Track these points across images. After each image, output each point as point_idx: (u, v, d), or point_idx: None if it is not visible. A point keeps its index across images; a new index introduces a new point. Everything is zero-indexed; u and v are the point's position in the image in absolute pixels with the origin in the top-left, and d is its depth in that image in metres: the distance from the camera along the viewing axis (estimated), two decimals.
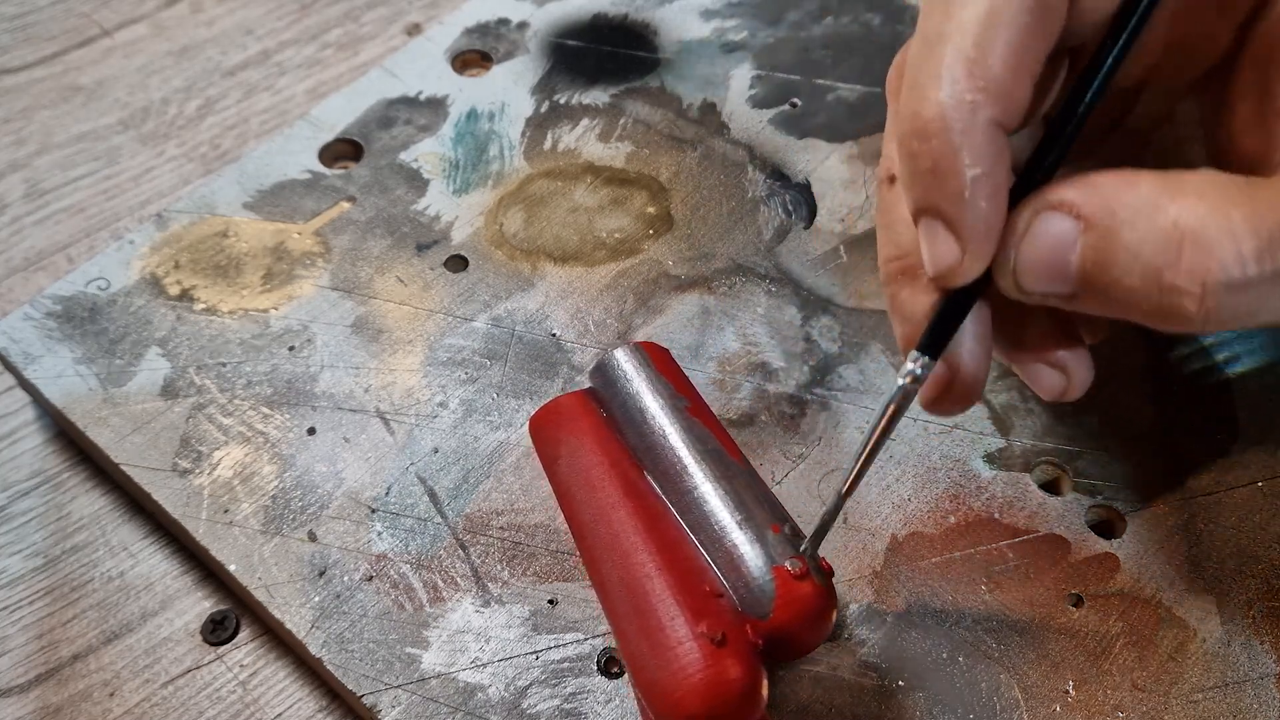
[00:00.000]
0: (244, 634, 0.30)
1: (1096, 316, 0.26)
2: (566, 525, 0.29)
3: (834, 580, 0.29)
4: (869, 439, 0.24)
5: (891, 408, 0.24)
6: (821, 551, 0.29)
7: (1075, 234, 0.21)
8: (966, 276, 0.23)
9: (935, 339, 0.24)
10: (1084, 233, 0.21)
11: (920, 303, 0.25)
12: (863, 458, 0.24)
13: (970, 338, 0.24)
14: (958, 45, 0.21)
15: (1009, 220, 0.22)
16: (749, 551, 0.25)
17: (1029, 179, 0.23)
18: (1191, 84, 0.26)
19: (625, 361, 0.29)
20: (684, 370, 0.30)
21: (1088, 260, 0.21)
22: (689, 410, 0.28)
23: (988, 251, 0.22)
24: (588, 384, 0.30)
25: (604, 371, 0.29)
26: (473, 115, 0.40)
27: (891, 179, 0.26)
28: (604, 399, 0.29)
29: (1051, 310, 0.25)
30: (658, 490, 0.27)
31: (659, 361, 0.29)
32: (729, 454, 0.27)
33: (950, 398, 0.25)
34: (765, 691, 0.24)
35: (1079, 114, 0.23)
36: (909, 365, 0.24)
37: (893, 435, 0.25)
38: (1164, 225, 0.20)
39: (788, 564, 0.25)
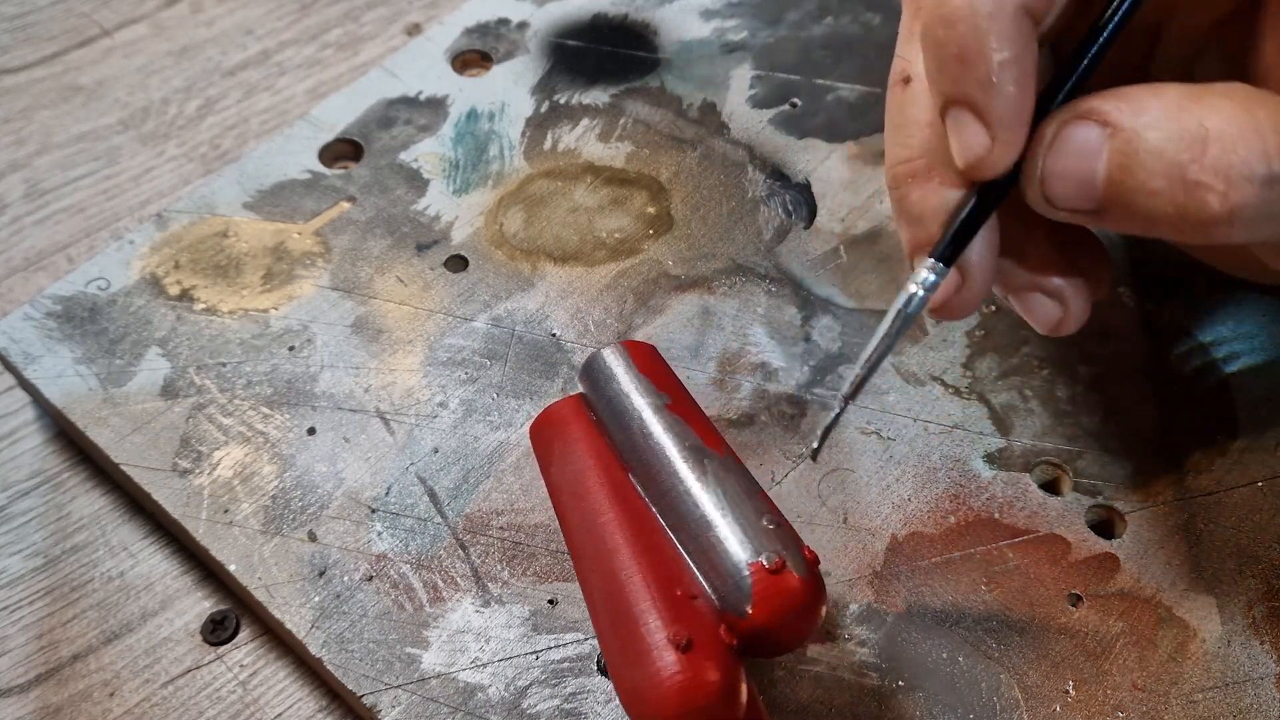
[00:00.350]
0: (244, 634, 0.30)
1: (1099, 267, 0.26)
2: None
3: (834, 580, 0.29)
4: (876, 345, 0.24)
5: (902, 314, 0.24)
6: (819, 549, 0.30)
7: (1102, 141, 0.21)
8: (997, 167, 0.22)
9: (955, 244, 0.23)
10: (1110, 138, 0.21)
11: (931, 203, 0.24)
12: (869, 363, 0.24)
13: (980, 242, 0.24)
14: None
15: (1037, 131, 0.22)
16: (724, 548, 0.24)
17: (1055, 95, 0.23)
18: (1215, 24, 0.26)
19: (607, 363, 0.29)
20: (678, 368, 0.30)
21: (1114, 165, 0.21)
22: (669, 407, 0.27)
23: (1017, 140, 0.22)
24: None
25: (589, 373, 0.29)
26: (473, 115, 0.40)
27: (906, 80, 0.26)
28: (591, 402, 0.29)
29: (1054, 236, 0.25)
30: (641, 492, 0.27)
31: (641, 360, 0.29)
32: (710, 449, 0.27)
33: (956, 304, 0.25)
34: (744, 692, 0.23)
35: (1105, 28, 0.23)
36: (924, 273, 0.23)
37: (898, 347, 0.25)
38: (1189, 125, 0.20)
39: (763, 558, 0.24)
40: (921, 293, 0.24)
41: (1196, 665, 0.28)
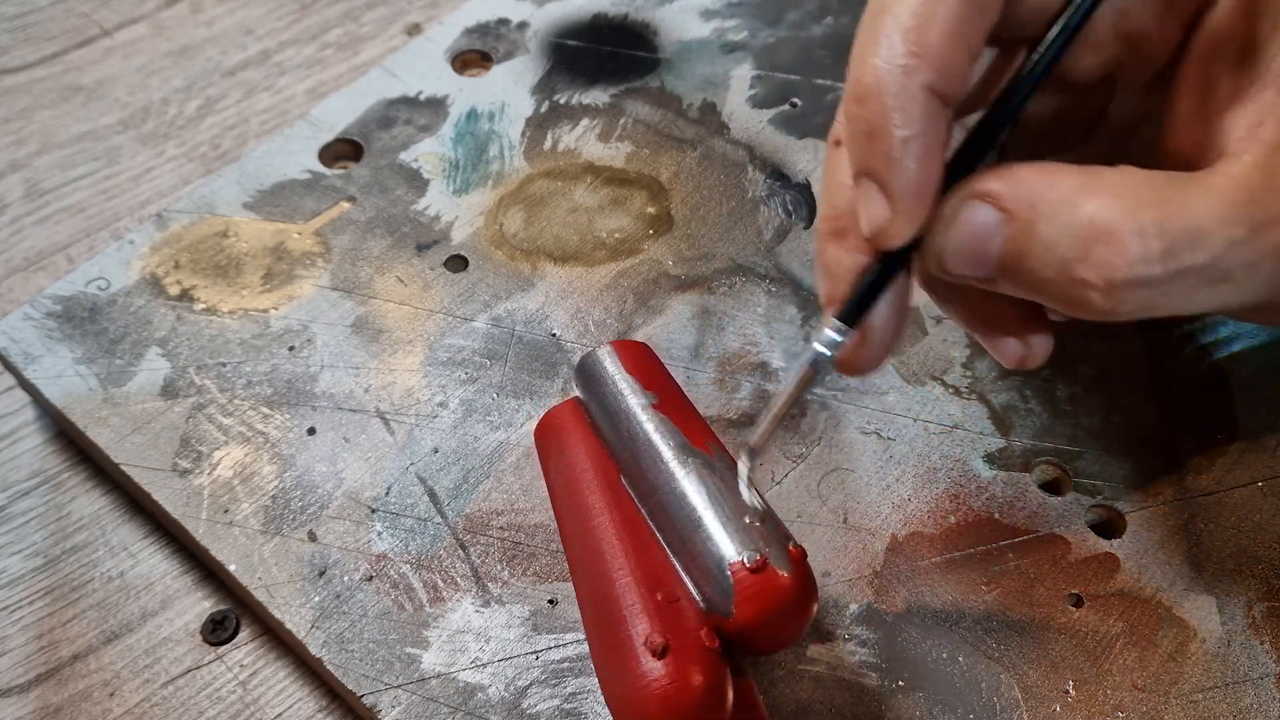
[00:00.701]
0: (244, 634, 0.30)
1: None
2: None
3: (834, 580, 0.29)
4: (782, 401, 0.25)
5: (806, 374, 0.25)
6: (819, 549, 0.30)
7: (998, 224, 0.23)
8: (895, 238, 0.23)
9: (857, 308, 0.25)
10: (1006, 224, 0.22)
11: (844, 263, 0.25)
12: (773, 417, 0.25)
13: (886, 305, 0.25)
14: (897, 15, 0.22)
15: (939, 206, 0.23)
16: (707, 549, 0.24)
17: (962, 163, 0.24)
18: (1150, 82, 0.26)
19: (596, 364, 0.29)
20: (677, 368, 0.30)
21: (1008, 250, 0.23)
22: (657, 406, 0.27)
23: (916, 214, 0.23)
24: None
25: (582, 375, 0.29)
26: (473, 115, 0.40)
27: (837, 143, 0.27)
28: (586, 404, 0.29)
29: None
30: (631, 494, 0.27)
31: (630, 359, 0.29)
32: (697, 448, 0.26)
33: (858, 361, 0.26)
34: (729, 694, 0.23)
35: (1014, 102, 0.24)
36: (828, 332, 0.25)
37: (805, 397, 0.26)
38: (1079, 221, 0.21)
39: (744, 557, 0.24)
40: (827, 352, 0.25)
41: (1196, 665, 0.28)
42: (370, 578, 0.29)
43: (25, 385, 0.34)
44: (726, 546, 0.24)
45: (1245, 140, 0.22)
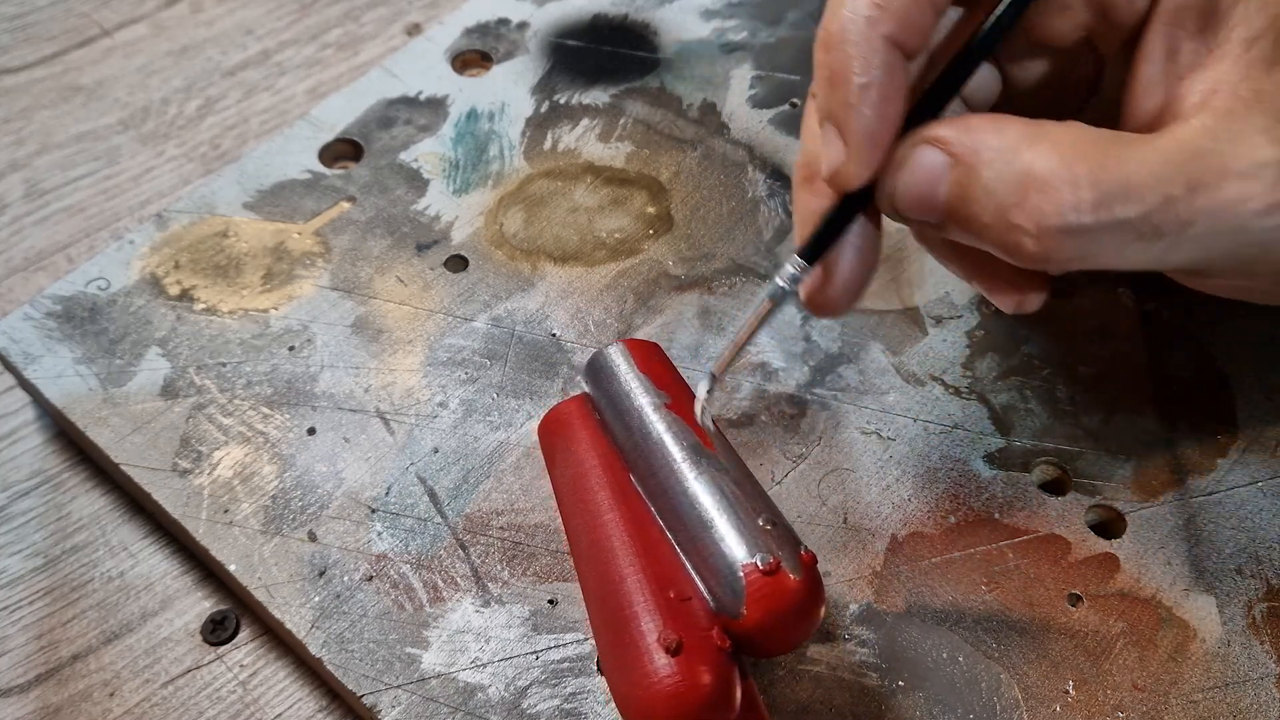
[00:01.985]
0: (244, 634, 0.30)
1: None
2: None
3: (834, 580, 0.29)
4: (742, 330, 0.26)
5: (766, 304, 0.26)
6: (819, 549, 0.30)
7: (945, 168, 0.23)
8: (852, 181, 0.24)
9: (815, 246, 0.26)
10: (951, 169, 0.23)
11: (811, 206, 0.27)
12: (732, 345, 0.27)
13: (851, 249, 0.26)
14: None
15: (894, 150, 0.24)
16: (719, 549, 0.24)
17: (921, 113, 0.25)
18: (1123, 48, 0.27)
19: (609, 361, 0.29)
20: (679, 367, 0.30)
21: (953, 193, 0.23)
22: (669, 406, 0.27)
23: (870, 158, 0.24)
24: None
25: (592, 372, 0.29)
26: (473, 115, 0.40)
27: (814, 94, 0.28)
28: (594, 400, 0.29)
29: None
30: (641, 492, 0.27)
31: (642, 358, 0.29)
32: (709, 449, 0.26)
33: (822, 300, 0.27)
34: (738, 694, 0.23)
35: (973, 56, 0.25)
36: (788, 267, 0.26)
37: (763, 328, 0.27)
38: (1017, 169, 0.22)
39: (757, 559, 0.24)
40: (783, 284, 0.26)
41: (1196, 665, 0.28)
42: (370, 578, 0.29)
43: (25, 385, 0.34)
44: (739, 548, 0.24)
45: (1197, 106, 0.23)
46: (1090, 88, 0.29)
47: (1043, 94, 0.28)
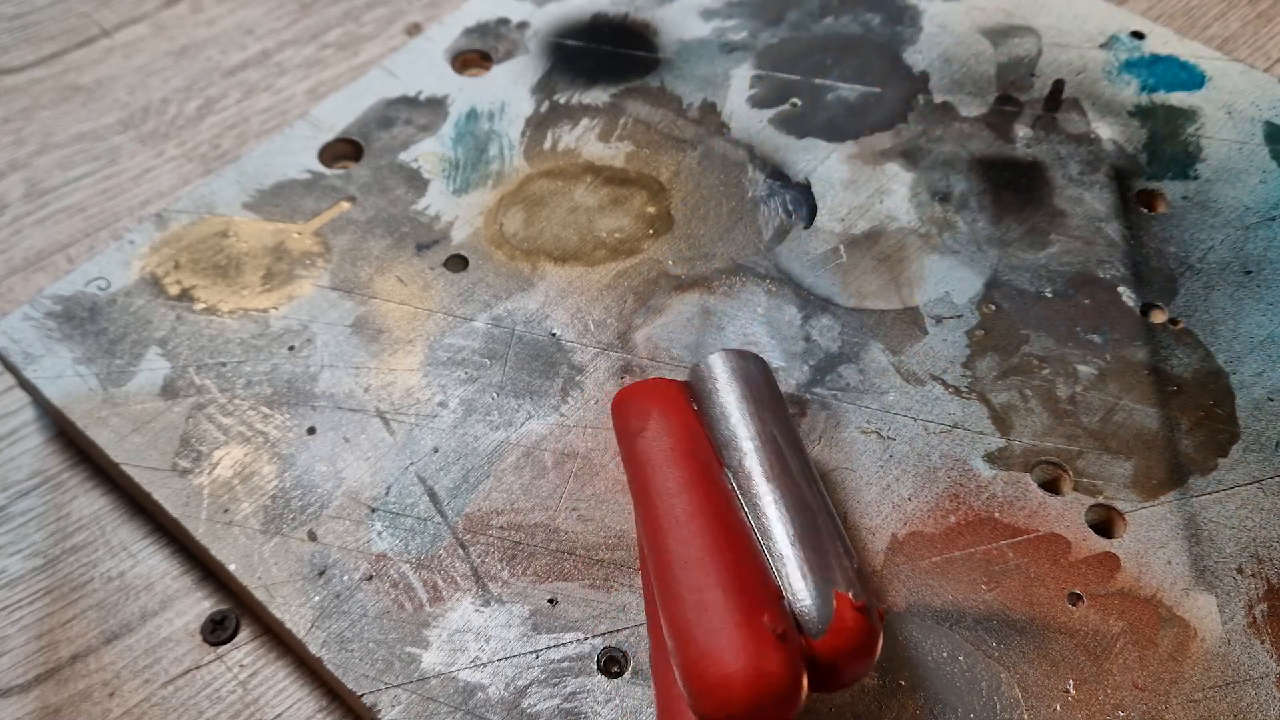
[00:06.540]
0: (244, 634, 0.30)
1: None
2: (569, 525, 0.29)
3: None
4: None
5: None
6: None
7: None
8: None
9: None
10: None
11: None
12: None
13: None
14: None
15: None
16: (814, 570, 0.25)
17: None
18: None
19: (722, 366, 0.29)
20: (678, 368, 0.30)
21: None
22: (780, 424, 0.28)
23: None
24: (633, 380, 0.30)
25: (699, 373, 0.29)
26: (473, 115, 0.40)
27: None
28: (698, 396, 0.29)
29: None
30: (736, 490, 0.27)
31: (759, 371, 0.29)
32: (811, 475, 0.27)
33: None
34: (803, 700, 0.23)
35: None
36: None
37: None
38: None
39: (851, 593, 0.24)
40: None
41: (1197, 665, 0.28)
42: (370, 577, 0.29)
43: (25, 385, 0.34)
44: (838, 576, 0.25)
45: None
46: None
47: None
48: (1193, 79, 0.41)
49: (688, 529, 0.25)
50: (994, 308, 0.35)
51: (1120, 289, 0.35)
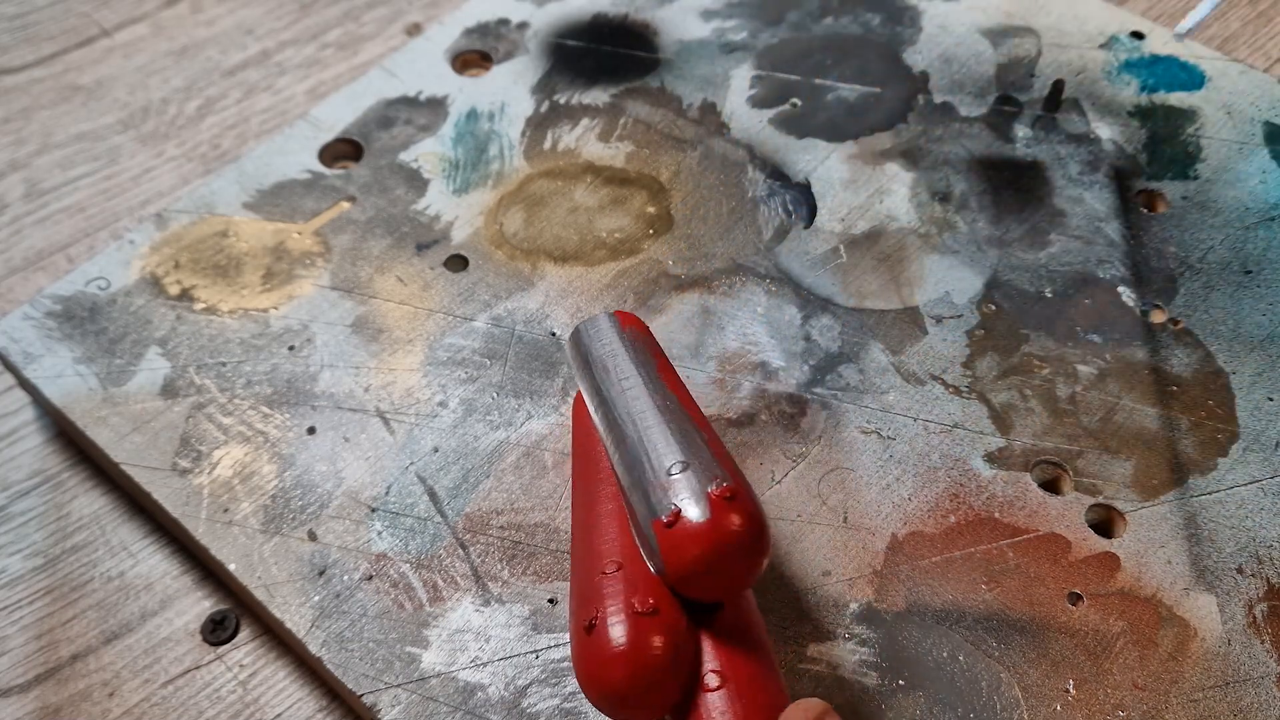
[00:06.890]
0: (244, 634, 0.30)
1: None
2: (569, 524, 0.29)
3: (834, 579, 0.29)
4: None
5: None
6: (819, 549, 0.30)
7: None
8: None
9: None
10: None
11: None
12: None
13: None
14: None
15: None
16: (635, 514, 0.24)
17: None
18: None
19: (588, 330, 0.29)
20: (678, 368, 0.30)
21: None
22: (658, 371, 0.27)
23: None
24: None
25: (575, 342, 0.29)
26: (473, 115, 0.40)
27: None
28: (579, 371, 0.29)
29: None
30: (614, 461, 0.26)
31: (629, 328, 0.28)
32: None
33: None
34: (656, 646, 0.22)
35: None
36: None
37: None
38: None
39: (661, 515, 0.23)
40: None
41: (1196, 665, 0.28)
42: (370, 577, 0.29)
43: (25, 385, 0.34)
44: (644, 506, 0.24)
45: None
46: None
47: None
48: (1192, 79, 0.41)
49: (579, 530, 0.26)
50: (994, 307, 0.35)
51: (1120, 289, 0.35)
